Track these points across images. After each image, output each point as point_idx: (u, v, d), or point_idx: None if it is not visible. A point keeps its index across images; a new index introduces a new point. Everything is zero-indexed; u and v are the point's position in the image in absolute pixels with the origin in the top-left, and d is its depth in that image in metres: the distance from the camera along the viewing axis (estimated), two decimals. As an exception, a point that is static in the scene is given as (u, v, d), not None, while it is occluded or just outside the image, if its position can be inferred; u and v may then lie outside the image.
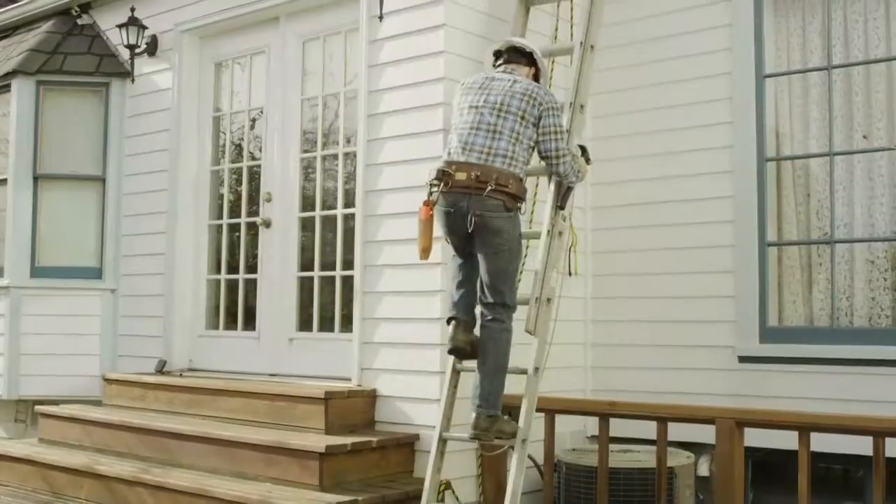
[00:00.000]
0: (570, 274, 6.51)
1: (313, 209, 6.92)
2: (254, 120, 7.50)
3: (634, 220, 6.63)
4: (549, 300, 5.18)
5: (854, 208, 6.05)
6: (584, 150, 5.47)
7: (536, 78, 5.31)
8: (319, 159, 6.94)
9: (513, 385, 5.15)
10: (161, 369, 7.44)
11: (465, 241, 5.03)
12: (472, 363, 5.16)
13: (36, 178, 8.26)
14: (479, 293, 5.09)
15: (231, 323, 7.50)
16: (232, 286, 7.53)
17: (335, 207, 6.77)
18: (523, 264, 5.62)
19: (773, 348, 6.05)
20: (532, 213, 6.12)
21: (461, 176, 4.90)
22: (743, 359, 6.14)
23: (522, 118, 4.97)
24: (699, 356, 6.30)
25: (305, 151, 7.04)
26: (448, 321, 5.14)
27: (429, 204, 4.97)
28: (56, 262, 8.25)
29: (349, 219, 6.58)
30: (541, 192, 5.89)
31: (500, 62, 5.32)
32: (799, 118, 6.27)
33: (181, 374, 7.30)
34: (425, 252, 4.98)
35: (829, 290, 6.06)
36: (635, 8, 6.67)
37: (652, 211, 6.55)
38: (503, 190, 4.88)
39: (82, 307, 8.10)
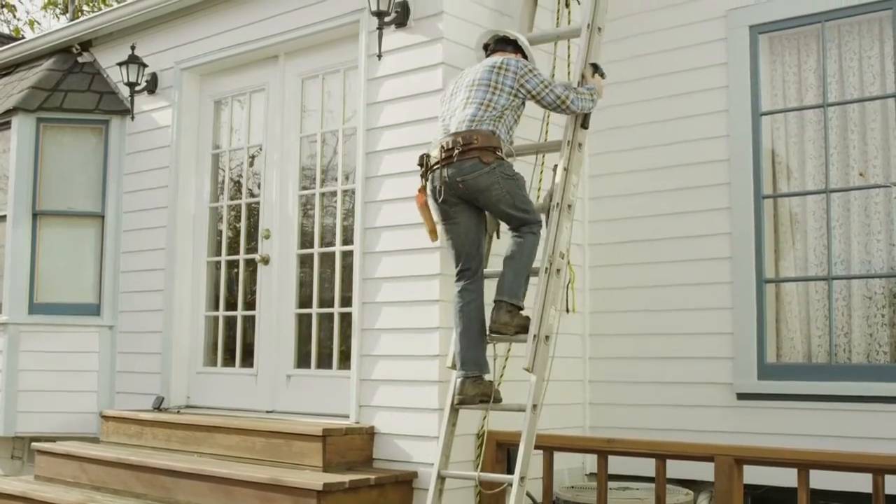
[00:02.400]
0: (567, 311, 6.50)
1: (312, 246, 6.94)
2: (253, 157, 7.54)
3: (632, 257, 6.64)
4: (547, 337, 5.18)
5: (851, 245, 6.06)
6: (596, 67, 5.68)
7: None
8: (318, 196, 6.96)
9: (511, 422, 5.14)
10: (158, 406, 7.42)
11: (462, 222, 5.26)
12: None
13: (35, 215, 8.27)
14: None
15: (229, 359, 7.50)
16: (230, 323, 7.53)
17: (334, 244, 6.78)
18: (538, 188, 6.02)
19: (772, 385, 6.04)
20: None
21: (434, 153, 5.24)
22: (741, 396, 6.14)
23: (494, 88, 5.24)
24: (698, 393, 6.29)
25: (304, 188, 7.07)
26: (457, 375, 5.27)
27: (421, 190, 5.39)
28: (54, 299, 8.25)
29: (347, 256, 6.59)
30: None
31: (488, 53, 5.64)
32: (795, 155, 6.30)
33: (178, 411, 7.27)
34: (432, 233, 5.42)
35: (827, 326, 6.06)
36: (632, 47, 6.72)
37: (649, 248, 6.57)
38: (470, 147, 5.11)
39: (80, 344, 8.09)
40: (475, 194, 5.18)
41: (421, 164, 5.37)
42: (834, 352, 6.01)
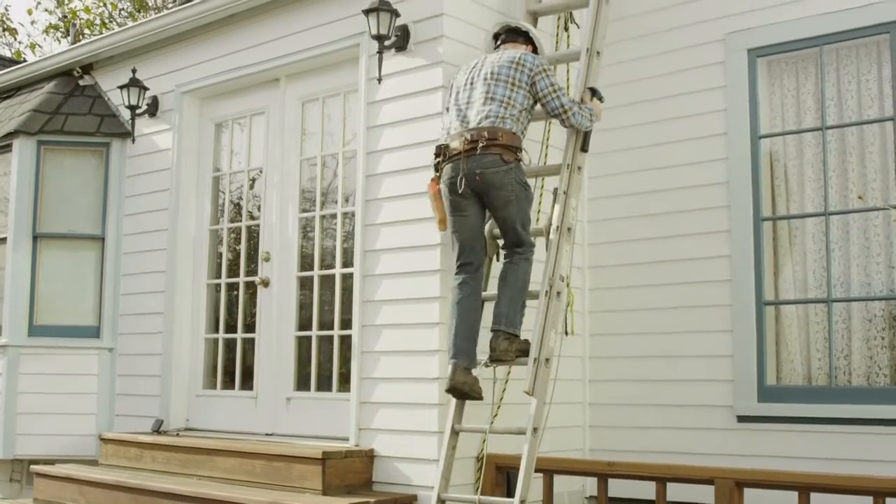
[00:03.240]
0: (567, 333, 6.49)
1: (312, 268, 6.94)
2: (253, 179, 7.55)
3: (632, 279, 6.65)
4: (547, 360, 5.19)
5: (850, 267, 6.07)
6: (595, 91, 5.74)
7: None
8: (318, 219, 6.98)
9: (511, 445, 5.13)
10: (158, 429, 7.41)
11: (471, 214, 5.34)
12: (470, 424, 5.17)
13: (35, 238, 8.28)
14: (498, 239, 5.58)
15: (228, 382, 7.49)
16: (230, 345, 7.53)
17: (333, 266, 6.79)
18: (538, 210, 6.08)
19: (772, 408, 6.03)
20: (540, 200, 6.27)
21: (455, 144, 5.29)
22: (742, 418, 6.13)
23: (513, 84, 5.32)
24: (698, 416, 6.29)
25: (304, 211, 7.08)
26: (450, 361, 5.30)
27: (435, 180, 5.46)
28: (54, 321, 8.25)
29: (347, 278, 6.60)
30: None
31: (498, 44, 5.71)
32: (794, 178, 6.32)
33: (178, 434, 7.26)
34: (442, 223, 5.50)
35: (827, 349, 6.06)
36: (631, 70, 6.75)
37: (649, 271, 6.58)
38: (495, 143, 5.20)
39: (80, 366, 8.09)
40: (488, 189, 5.25)
41: (438, 154, 5.41)
42: (834, 374, 6.01)
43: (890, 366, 5.94)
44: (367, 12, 6.13)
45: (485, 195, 5.29)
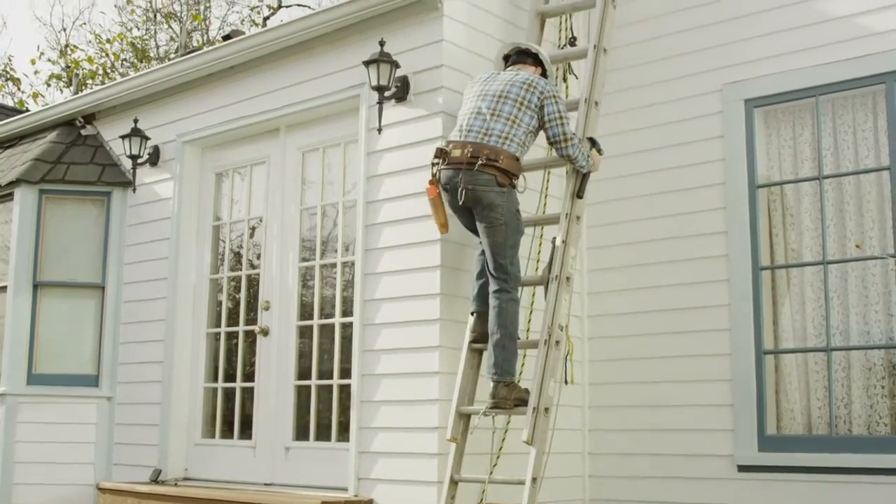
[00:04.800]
0: (566, 383, 6.49)
1: (311, 317, 6.95)
2: (253, 228, 7.58)
3: (631, 329, 6.65)
4: (546, 409, 5.18)
5: (850, 316, 6.08)
6: (594, 142, 5.82)
7: (543, 76, 5.76)
8: (318, 268, 7.00)
9: (511, 495, 5.11)
10: (156, 478, 7.37)
11: (469, 219, 5.46)
12: (469, 473, 5.16)
13: (36, 286, 8.28)
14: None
15: (227, 431, 7.46)
16: (229, 394, 7.52)
17: (333, 315, 6.79)
18: (537, 259, 6.09)
19: (772, 457, 6.01)
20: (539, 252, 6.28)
21: (456, 152, 5.37)
22: (742, 468, 6.11)
23: (521, 104, 5.41)
24: (698, 465, 6.26)
25: (304, 260, 7.10)
26: (471, 313, 5.55)
27: (433, 182, 5.51)
28: (53, 370, 8.23)
29: (347, 327, 6.60)
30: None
31: (508, 64, 5.81)
32: (792, 227, 6.35)
33: (176, 483, 7.23)
34: (443, 227, 5.60)
35: (827, 397, 6.05)
36: (628, 120, 6.80)
37: (648, 319, 6.58)
38: (493, 164, 5.28)
39: (78, 415, 8.06)
40: (476, 204, 5.34)
41: (437, 157, 5.48)
42: (834, 423, 5.99)
43: (890, 414, 5.92)
44: (367, 64, 6.20)
45: (474, 210, 5.39)
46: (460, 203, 5.32)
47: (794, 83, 6.24)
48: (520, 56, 5.84)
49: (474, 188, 5.28)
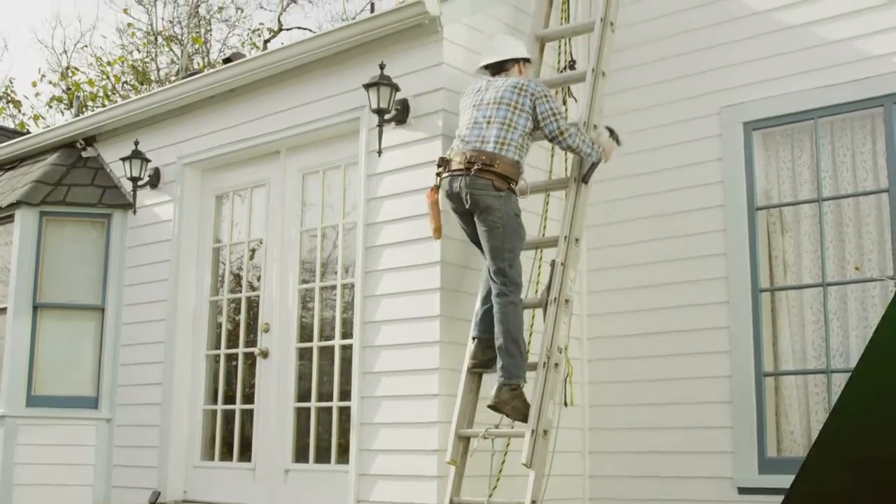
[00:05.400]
0: (566, 405, 6.49)
1: (311, 339, 6.95)
2: (253, 250, 7.59)
3: (630, 350, 6.65)
4: (545, 432, 5.17)
5: (849, 338, 6.07)
6: (611, 131, 5.94)
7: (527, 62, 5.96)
8: (318, 290, 7.00)
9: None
10: (155, 500, 7.35)
11: (473, 228, 5.55)
12: (468, 496, 5.16)
13: (35, 307, 8.28)
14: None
15: (227, 453, 7.45)
16: (228, 416, 7.51)
17: (333, 337, 6.80)
18: (536, 281, 6.07)
19: (773, 479, 5.99)
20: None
21: (456, 160, 5.48)
22: (742, 490, 6.09)
23: (515, 108, 5.53)
24: (698, 487, 6.24)
25: (304, 282, 7.11)
26: (472, 338, 5.61)
27: (434, 189, 5.66)
28: (52, 392, 8.22)
29: (347, 349, 6.60)
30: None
31: (493, 73, 5.88)
32: (791, 249, 6.36)
33: (175, 507, 7.22)
34: (437, 231, 5.68)
35: (827, 420, 6.03)
36: (629, 143, 6.78)
37: (648, 341, 6.58)
38: (490, 169, 5.40)
39: (77, 437, 8.05)
40: (476, 208, 5.44)
41: (440, 165, 5.61)
42: (834, 446, 5.97)
43: (890, 437, 5.90)
44: (367, 87, 6.22)
45: (475, 213, 5.48)
46: (466, 207, 5.44)
47: (792, 106, 6.26)
48: (501, 65, 5.89)
49: (472, 192, 5.41)
